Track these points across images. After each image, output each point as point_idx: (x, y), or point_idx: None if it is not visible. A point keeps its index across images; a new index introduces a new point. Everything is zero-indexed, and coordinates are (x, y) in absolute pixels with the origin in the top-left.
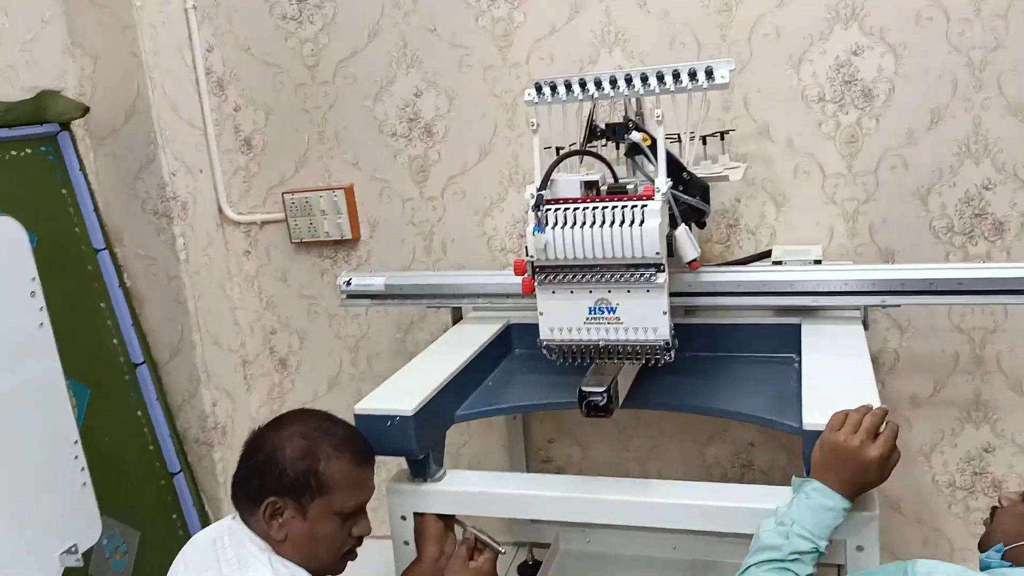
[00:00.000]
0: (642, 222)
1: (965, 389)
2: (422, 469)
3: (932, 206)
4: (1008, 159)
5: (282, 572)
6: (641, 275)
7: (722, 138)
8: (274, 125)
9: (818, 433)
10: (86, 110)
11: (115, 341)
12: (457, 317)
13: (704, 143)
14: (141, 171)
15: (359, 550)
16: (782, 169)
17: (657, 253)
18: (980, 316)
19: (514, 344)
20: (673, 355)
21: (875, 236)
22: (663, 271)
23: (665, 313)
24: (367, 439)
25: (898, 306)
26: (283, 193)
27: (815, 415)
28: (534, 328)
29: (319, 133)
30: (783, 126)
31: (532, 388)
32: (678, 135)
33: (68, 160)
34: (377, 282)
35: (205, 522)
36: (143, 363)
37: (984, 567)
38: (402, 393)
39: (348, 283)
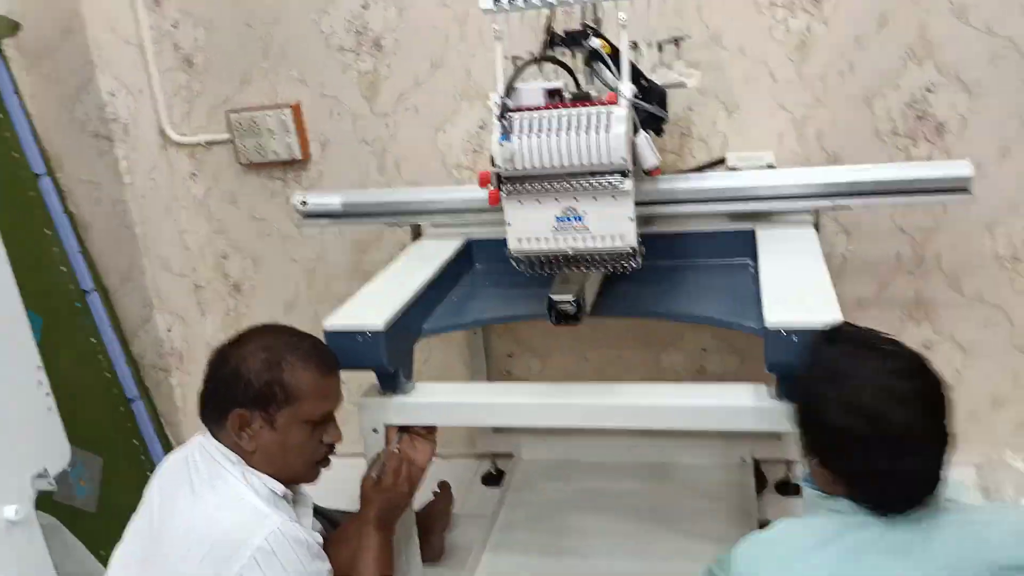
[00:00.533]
0: (608, 128)
1: (907, 289)
2: (392, 383)
3: (877, 110)
4: (950, 61)
5: (254, 483)
6: (608, 182)
7: (677, 45)
8: (215, 41)
9: (780, 332)
10: (16, 27)
11: (63, 268)
12: (417, 234)
13: (660, 50)
14: (79, 93)
15: (332, 459)
16: (733, 76)
17: (623, 159)
18: (921, 216)
19: (475, 259)
20: (640, 261)
21: (823, 141)
22: (628, 177)
23: (631, 219)
24: (334, 351)
25: (849, 208)
26: (227, 112)
27: (776, 314)
28: (495, 243)
29: (263, 49)
30: (734, 32)
31: (496, 301)
32: (634, 42)
33: (1, 82)
34: (334, 201)
35: (167, 447)
36: (93, 290)
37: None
38: (371, 309)
39: (303, 203)
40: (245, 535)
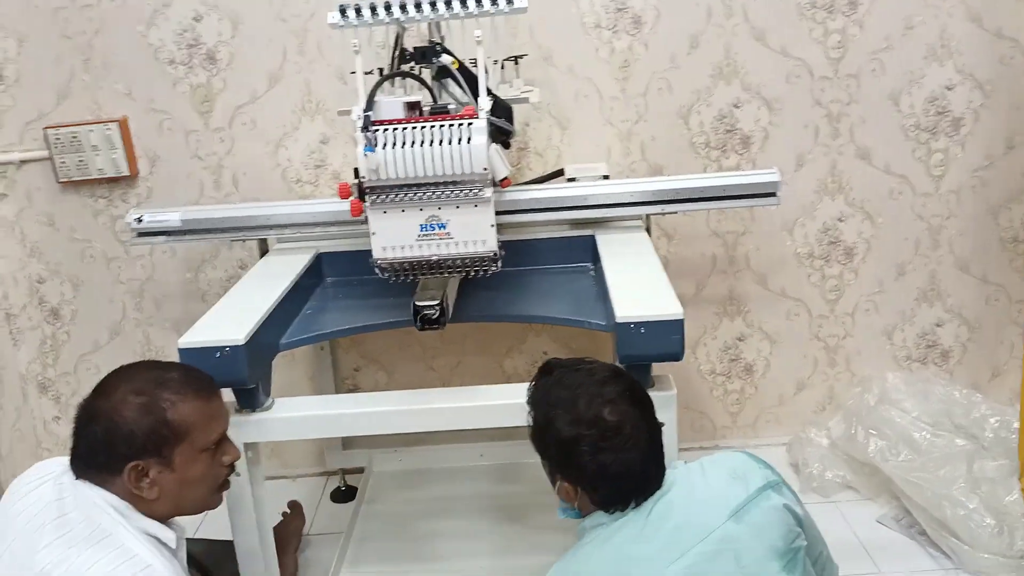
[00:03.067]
0: (469, 139)
1: (721, 287)
2: (251, 399)
3: (692, 124)
4: (753, 80)
5: (144, 542)
6: (469, 190)
7: (516, 63)
8: (29, 53)
9: (630, 325)
10: None
11: None
12: (264, 250)
13: (502, 67)
14: None
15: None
16: (565, 93)
17: (484, 169)
18: (732, 221)
19: (325, 272)
20: (499, 265)
21: (646, 153)
22: (489, 185)
23: (492, 226)
24: (205, 374)
25: (675, 212)
26: (45, 128)
27: (625, 309)
28: (345, 256)
29: (84, 61)
30: (565, 52)
31: (350, 313)
32: (474, 59)
33: None
34: (172, 218)
35: None
36: None
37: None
38: (228, 324)
39: (139, 220)
40: None
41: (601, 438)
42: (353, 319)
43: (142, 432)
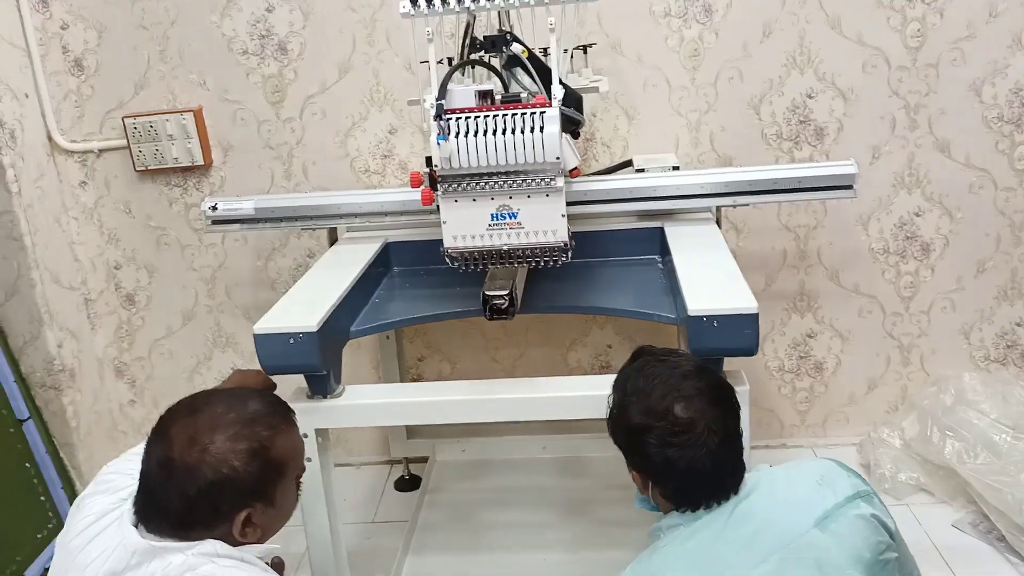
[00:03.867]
0: (542, 128)
1: (792, 282)
2: (322, 386)
3: (764, 114)
4: (828, 69)
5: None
6: (541, 180)
7: (585, 52)
8: (108, 44)
9: (702, 319)
10: None
11: None
12: (333, 239)
13: (571, 57)
14: None
15: None
16: (633, 83)
17: (557, 158)
18: (804, 214)
19: (393, 262)
20: (570, 256)
21: (715, 144)
22: (561, 175)
23: (563, 216)
24: (265, 354)
25: (748, 205)
26: (123, 117)
27: (697, 302)
28: (412, 246)
29: (160, 52)
30: (633, 41)
31: (418, 302)
32: (545, 49)
33: None
34: (246, 206)
35: (60, 470)
36: None
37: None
38: (301, 311)
39: (214, 208)
40: None
41: (670, 432)
42: (421, 308)
43: (252, 478)
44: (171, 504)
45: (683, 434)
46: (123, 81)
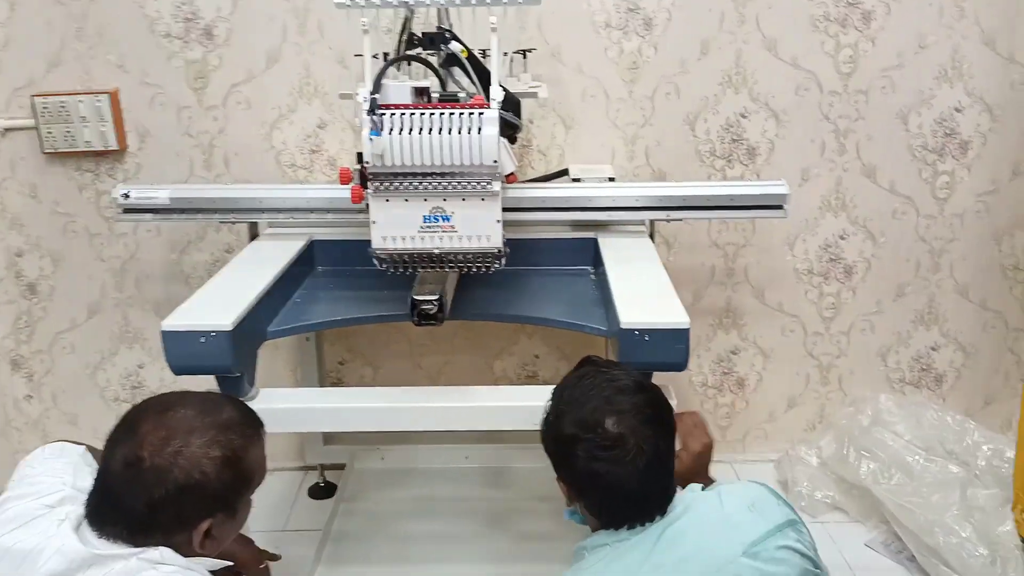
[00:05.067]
0: (480, 130)
1: (719, 298)
2: (235, 388)
3: (699, 131)
4: (762, 90)
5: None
6: (477, 183)
7: (524, 57)
8: (20, 17)
9: (634, 332)
10: None
11: None
12: (254, 234)
13: (511, 60)
14: None
15: None
16: (571, 91)
17: (495, 161)
18: (733, 232)
19: (317, 261)
20: (503, 262)
21: (650, 158)
22: (498, 179)
23: (498, 221)
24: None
25: (681, 220)
26: (33, 96)
27: (630, 315)
28: (338, 244)
29: (77, 29)
30: (573, 49)
31: (341, 304)
32: (484, 50)
33: None
34: (161, 195)
35: None
36: None
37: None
38: (214, 308)
39: (126, 196)
40: None
41: (598, 446)
42: (344, 310)
43: (222, 486)
44: (133, 507)
45: (611, 449)
46: (34, 57)
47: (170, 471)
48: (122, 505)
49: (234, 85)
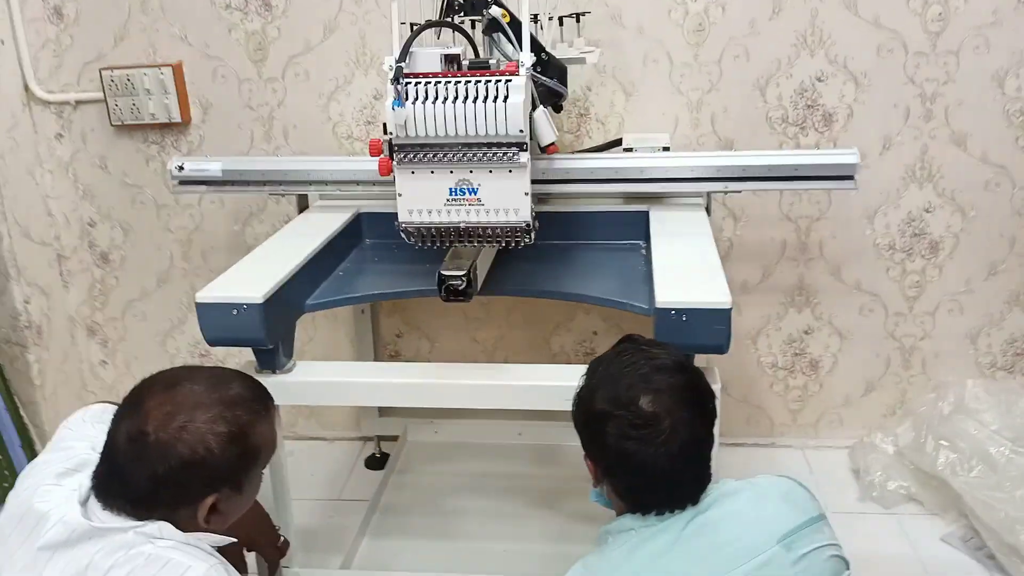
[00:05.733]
0: (506, 98)
1: (790, 275)
2: (271, 360)
3: (769, 97)
4: (840, 51)
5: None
6: (504, 154)
7: (578, 20)
8: None
9: (670, 312)
10: None
11: None
12: (303, 206)
13: (561, 24)
14: None
15: None
16: (632, 57)
17: (521, 131)
18: (807, 205)
19: (364, 233)
20: (533, 237)
21: (716, 126)
22: (525, 150)
23: (527, 194)
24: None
25: (739, 192)
26: (101, 70)
27: (666, 294)
28: (385, 216)
29: (142, 3)
30: (634, 11)
31: (385, 277)
32: (535, 15)
33: None
34: (213, 167)
35: (21, 429)
36: None
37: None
38: (249, 281)
39: (180, 168)
40: None
41: (630, 424)
42: (385, 284)
43: (228, 462)
44: (137, 481)
45: (643, 428)
46: (103, 31)
47: (174, 447)
48: (126, 479)
49: (292, 56)
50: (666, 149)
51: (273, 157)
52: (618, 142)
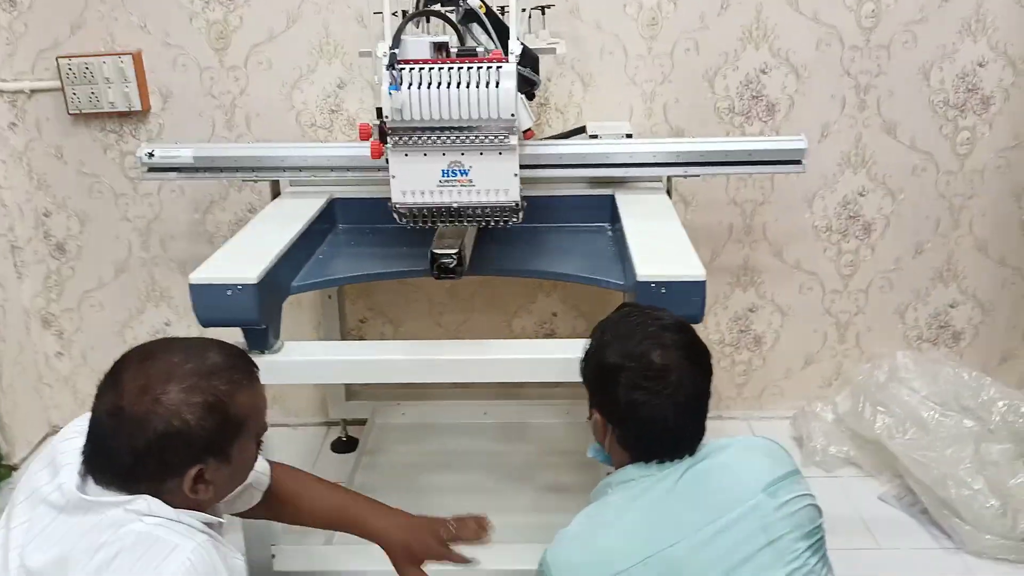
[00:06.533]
0: (498, 83)
1: (736, 256)
2: (261, 340)
3: (717, 88)
4: (783, 45)
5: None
6: (495, 137)
7: (543, 13)
8: None
9: (650, 284)
10: None
11: None
12: (275, 193)
13: (530, 17)
14: None
15: None
16: (590, 49)
17: (512, 115)
18: (752, 190)
19: (338, 219)
20: (521, 216)
21: (668, 116)
22: (515, 133)
23: (516, 175)
24: (203, 307)
25: (698, 176)
26: (58, 58)
27: (647, 268)
28: (358, 202)
29: None
30: (592, 6)
31: (363, 260)
32: (503, 8)
33: None
34: (184, 154)
35: None
36: None
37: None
38: (240, 262)
39: (150, 155)
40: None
41: (643, 376)
42: (366, 266)
43: (206, 433)
44: (119, 456)
45: (655, 380)
46: (59, 19)
47: (149, 420)
48: (110, 454)
49: (255, 45)
50: (629, 136)
51: (245, 144)
52: (582, 129)
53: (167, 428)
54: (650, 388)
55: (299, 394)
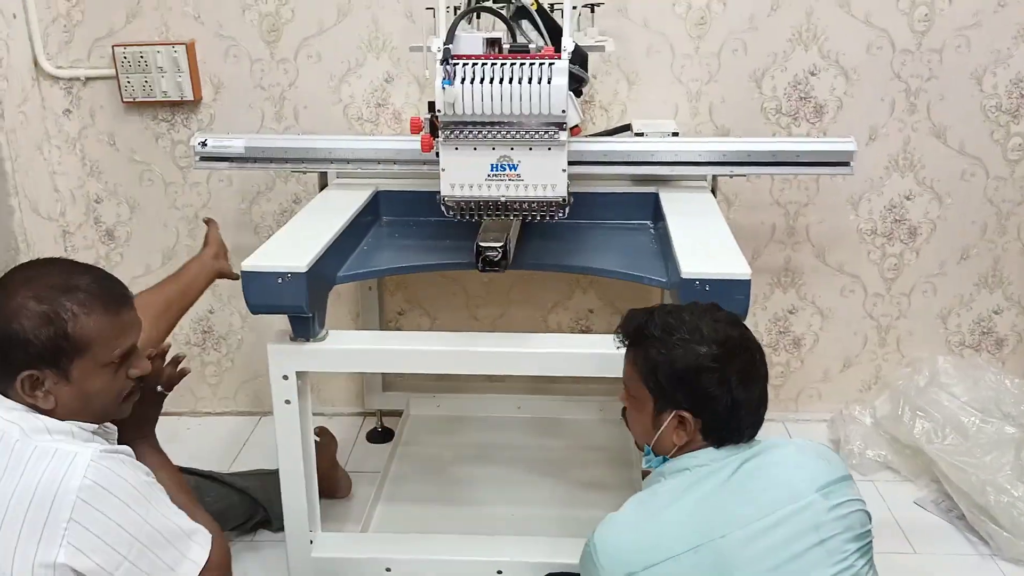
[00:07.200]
0: (550, 80)
1: (778, 257)
2: (306, 328)
3: (765, 88)
4: (832, 47)
5: (59, 428)
6: (545, 132)
7: (592, 11)
8: None
9: (695, 282)
10: None
11: None
12: (323, 184)
13: (579, 15)
14: None
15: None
16: (636, 47)
17: (563, 111)
18: (796, 191)
19: (382, 211)
20: (567, 212)
21: (713, 115)
22: (565, 129)
23: (564, 171)
24: (253, 293)
25: (744, 176)
26: (113, 46)
27: (691, 265)
28: (403, 195)
29: None
30: (640, 4)
31: (407, 252)
32: (552, 4)
33: None
34: (236, 144)
35: None
36: None
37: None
38: (290, 251)
39: (203, 144)
40: (58, 484)
41: (730, 355)
42: (409, 258)
43: (39, 342)
44: None
45: (743, 354)
46: (115, 8)
47: None
48: None
49: (305, 38)
50: (675, 134)
51: (295, 136)
52: (628, 127)
53: (6, 329)
54: (741, 376)
55: (335, 383)
